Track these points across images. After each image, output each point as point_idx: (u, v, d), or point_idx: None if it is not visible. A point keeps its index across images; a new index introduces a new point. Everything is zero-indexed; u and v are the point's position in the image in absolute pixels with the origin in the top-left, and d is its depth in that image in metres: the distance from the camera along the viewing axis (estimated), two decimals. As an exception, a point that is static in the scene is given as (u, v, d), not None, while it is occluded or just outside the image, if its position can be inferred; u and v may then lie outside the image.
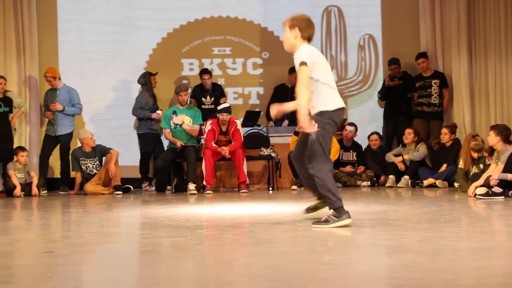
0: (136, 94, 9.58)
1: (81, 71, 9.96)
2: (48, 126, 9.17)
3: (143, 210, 6.05)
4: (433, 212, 5.10)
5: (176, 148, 8.70)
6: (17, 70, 9.51)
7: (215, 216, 5.19)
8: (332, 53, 10.27)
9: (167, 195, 8.15)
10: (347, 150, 9.25)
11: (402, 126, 9.37)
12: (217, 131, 8.50)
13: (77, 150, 8.85)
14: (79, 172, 8.78)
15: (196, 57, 10.22)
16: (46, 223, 5.15)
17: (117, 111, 10.00)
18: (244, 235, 4.08)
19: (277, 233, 4.11)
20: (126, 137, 10.00)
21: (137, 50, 10.11)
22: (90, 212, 6.18)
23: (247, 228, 4.39)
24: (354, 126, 9.27)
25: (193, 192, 8.11)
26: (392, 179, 8.71)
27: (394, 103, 9.63)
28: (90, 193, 8.47)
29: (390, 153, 9.05)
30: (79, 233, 4.26)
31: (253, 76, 10.29)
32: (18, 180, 8.46)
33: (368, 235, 4.02)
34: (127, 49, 10.08)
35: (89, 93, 9.84)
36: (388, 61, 9.74)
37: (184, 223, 4.66)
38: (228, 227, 4.39)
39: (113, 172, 8.55)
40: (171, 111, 8.88)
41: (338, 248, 3.51)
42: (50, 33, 9.92)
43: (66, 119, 9.11)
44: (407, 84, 9.58)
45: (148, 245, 3.71)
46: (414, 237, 3.76)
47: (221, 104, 8.69)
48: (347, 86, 10.28)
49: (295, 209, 5.54)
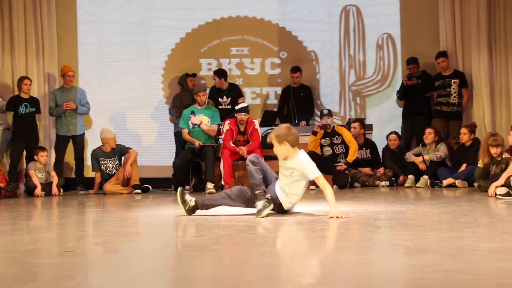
0: (156, 94, 9.71)
1: (100, 72, 10.04)
2: (60, 127, 9.24)
3: (161, 210, 6.08)
4: (452, 212, 5.07)
5: (195, 148, 8.73)
6: (36, 70, 9.59)
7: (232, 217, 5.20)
8: (350, 52, 10.24)
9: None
10: (359, 148, 9.18)
11: (421, 126, 9.31)
12: (235, 131, 8.51)
13: (97, 150, 8.90)
14: (99, 172, 8.84)
15: (214, 57, 10.25)
16: (66, 223, 5.19)
17: (136, 112, 10.07)
18: (261, 234, 4.08)
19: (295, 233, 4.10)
20: (145, 137, 10.07)
21: (156, 51, 10.17)
22: (109, 211, 6.22)
23: (265, 228, 4.39)
24: (359, 122, 9.22)
25: (211, 192, 8.12)
26: (411, 179, 8.66)
27: (412, 103, 9.57)
28: (109, 193, 8.52)
29: (410, 153, 8.99)
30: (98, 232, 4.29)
31: (271, 76, 10.29)
32: (39, 180, 8.54)
33: (387, 235, 4.00)
34: (146, 50, 10.15)
35: (109, 94, 9.92)
36: (407, 60, 9.69)
37: (202, 222, 4.67)
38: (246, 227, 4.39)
39: (128, 172, 8.60)
40: (189, 111, 8.91)
41: (357, 248, 3.50)
42: (69, 34, 10.01)
43: (80, 119, 9.22)
44: (426, 84, 9.52)
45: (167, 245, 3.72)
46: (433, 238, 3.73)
47: (239, 104, 8.70)
48: (366, 86, 10.24)
49: (313, 209, 5.53)
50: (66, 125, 9.18)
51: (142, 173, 9.03)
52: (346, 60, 10.26)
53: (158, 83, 10.17)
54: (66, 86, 9.26)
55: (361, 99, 10.26)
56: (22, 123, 8.90)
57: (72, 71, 9.28)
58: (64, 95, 9.19)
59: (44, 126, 9.61)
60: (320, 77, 10.29)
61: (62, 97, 9.19)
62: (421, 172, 8.70)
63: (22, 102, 8.94)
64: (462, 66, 9.68)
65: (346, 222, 4.55)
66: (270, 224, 4.60)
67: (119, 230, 4.47)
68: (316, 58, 10.28)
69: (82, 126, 9.30)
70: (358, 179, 8.97)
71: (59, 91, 9.27)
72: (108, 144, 8.82)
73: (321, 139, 8.92)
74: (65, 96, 9.17)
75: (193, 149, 8.76)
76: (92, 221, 5.25)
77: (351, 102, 10.26)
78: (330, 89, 10.28)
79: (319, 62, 10.29)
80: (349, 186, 8.86)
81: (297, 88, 9.79)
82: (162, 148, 9.97)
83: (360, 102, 10.25)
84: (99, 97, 9.49)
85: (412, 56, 9.66)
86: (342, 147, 8.94)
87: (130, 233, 4.44)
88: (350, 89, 10.26)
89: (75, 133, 9.20)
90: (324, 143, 8.94)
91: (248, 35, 10.27)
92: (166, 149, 9.85)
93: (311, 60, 10.27)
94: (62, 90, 9.25)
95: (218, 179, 8.71)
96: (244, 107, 8.49)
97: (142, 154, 9.23)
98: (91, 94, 9.48)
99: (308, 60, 10.26)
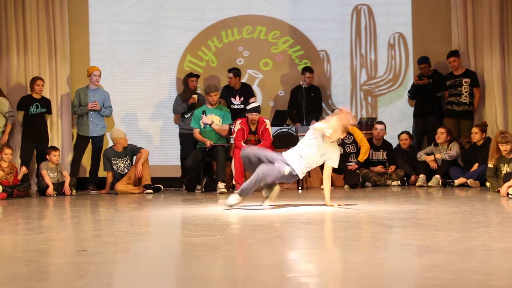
0: (168, 94, 9.75)
1: (112, 72, 10.06)
2: (81, 127, 9.28)
3: (173, 210, 6.09)
4: (464, 212, 5.05)
5: (206, 148, 8.74)
6: (48, 71, 9.64)
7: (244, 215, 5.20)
8: (361, 51, 10.22)
9: (197, 195, 8.18)
10: (377, 149, 9.19)
11: (432, 125, 9.29)
12: (246, 131, 8.51)
13: (109, 150, 8.94)
14: (110, 171, 8.87)
15: (226, 57, 10.25)
16: (78, 222, 5.22)
17: (148, 112, 10.10)
18: (273, 234, 4.08)
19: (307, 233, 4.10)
20: (157, 137, 10.10)
21: (168, 50, 10.19)
22: (121, 211, 6.24)
23: (276, 228, 4.39)
24: (384, 125, 9.20)
25: (222, 191, 8.13)
26: (423, 179, 8.63)
27: (424, 102, 9.54)
28: (121, 193, 8.55)
29: (422, 152, 8.97)
30: (110, 231, 4.31)
31: (282, 75, 10.29)
32: (51, 179, 8.59)
33: (399, 235, 3.99)
34: (158, 50, 10.17)
35: (121, 94, 9.95)
36: (418, 60, 9.66)
37: (214, 222, 4.68)
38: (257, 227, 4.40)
39: (140, 172, 8.62)
40: (200, 111, 8.92)
41: (368, 248, 3.49)
42: (81, 34, 10.05)
43: (101, 120, 9.26)
44: (437, 83, 9.48)
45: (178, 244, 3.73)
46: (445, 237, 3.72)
47: (250, 103, 8.71)
48: (377, 85, 10.22)
49: (325, 209, 5.53)
50: (87, 126, 9.22)
51: (154, 173, 9.05)
52: (357, 60, 10.24)
53: (169, 83, 10.19)
54: (92, 87, 9.30)
55: (372, 98, 10.23)
56: (32, 123, 8.94)
57: (99, 70, 9.31)
58: (89, 95, 9.23)
59: (56, 124, 9.61)
60: (332, 77, 10.27)
61: (86, 96, 9.24)
62: (433, 171, 8.67)
63: (33, 102, 8.98)
64: (474, 66, 9.63)
65: (357, 222, 4.55)
66: (282, 223, 4.59)
67: (130, 229, 4.48)
68: (327, 58, 10.26)
69: (103, 128, 9.34)
70: (370, 179, 8.95)
71: (84, 90, 9.31)
72: (119, 143, 8.85)
73: (332, 139, 8.90)
74: (90, 96, 9.22)
75: (204, 149, 8.77)
76: (104, 221, 5.27)
77: (363, 101, 10.24)
78: (341, 89, 10.26)
79: (330, 61, 10.27)
80: (360, 186, 8.84)
81: (308, 88, 9.78)
82: (174, 148, 9.98)
83: (372, 102, 10.23)
84: (111, 97, 9.51)
85: (423, 56, 9.63)
86: (353, 147, 8.94)
87: (141, 232, 4.46)
88: (362, 88, 10.23)
89: (96, 133, 9.25)
90: (335, 142, 8.91)
91: (260, 35, 10.27)
92: (177, 149, 9.87)
93: (322, 59, 10.26)
94: (87, 90, 9.30)
95: (230, 178, 8.72)
96: (255, 107, 8.50)
97: (153, 154, 9.25)
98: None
99: (319, 59, 10.24)
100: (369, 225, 4.44)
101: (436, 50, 9.80)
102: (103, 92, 9.37)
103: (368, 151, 8.95)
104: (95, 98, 9.21)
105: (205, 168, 8.87)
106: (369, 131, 9.32)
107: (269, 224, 4.56)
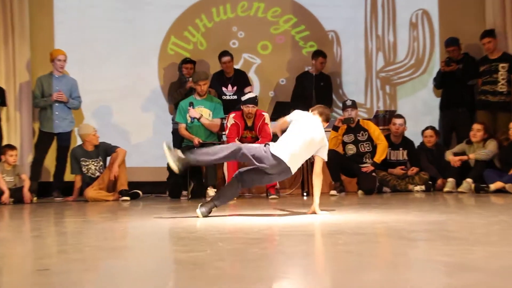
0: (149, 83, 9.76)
1: (81, 56, 10.04)
2: (44, 122, 9.23)
3: (154, 220, 6.08)
4: (502, 223, 5.04)
5: (193, 146, 8.72)
6: (4, 55, 9.58)
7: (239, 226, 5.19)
8: (378, 32, 10.22)
9: (183, 202, 8.17)
10: (395, 148, 9.19)
11: (462, 119, 9.30)
12: (241, 126, 8.49)
13: (77, 149, 8.90)
14: (79, 175, 8.84)
15: (217, 39, 10.23)
16: (40, 235, 5.19)
17: (124, 104, 10.08)
18: (273, 249, 4.07)
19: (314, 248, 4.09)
20: (135, 134, 10.07)
21: (148, 30, 10.17)
22: (92, 222, 6.22)
23: (278, 241, 4.38)
24: (404, 119, 9.19)
25: (213, 199, 8.12)
26: (452, 183, 8.63)
27: (452, 92, 9.54)
28: (92, 200, 8.53)
29: (450, 151, 8.96)
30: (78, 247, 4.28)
31: (284, 60, 10.27)
32: (7, 184, 8.55)
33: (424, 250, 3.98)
34: (137, 30, 10.16)
35: (91, 82, 9.94)
36: (445, 41, 9.67)
37: (203, 235, 4.66)
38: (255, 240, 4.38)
39: (115, 173, 8.57)
40: (187, 103, 8.89)
41: (388, 265, 3.47)
42: (44, 9, 10.01)
43: (68, 114, 9.19)
44: (469, 69, 9.49)
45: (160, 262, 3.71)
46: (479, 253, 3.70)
47: (246, 94, 8.69)
48: (396, 72, 10.23)
49: (335, 219, 5.52)
50: (52, 120, 9.15)
51: (132, 177, 9.04)
52: (373, 42, 10.24)
53: (150, 70, 10.16)
54: (57, 74, 9.24)
55: (391, 87, 10.23)
56: None
57: (64, 54, 9.24)
58: (53, 83, 9.17)
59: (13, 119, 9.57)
60: (342, 62, 10.25)
61: (50, 85, 9.18)
62: (464, 174, 8.65)
63: None
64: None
65: (373, 234, 4.53)
66: (284, 235, 4.58)
67: (103, 244, 4.46)
68: (337, 40, 10.25)
69: (70, 123, 9.28)
70: (388, 183, 8.95)
71: (47, 78, 9.25)
72: (89, 141, 8.81)
73: (343, 136, 8.91)
74: (55, 85, 9.16)
75: (192, 147, 8.75)
76: (71, 234, 5.25)
77: (379, 91, 10.24)
78: (354, 76, 10.26)
79: (341, 44, 10.26)
80: (377, 191, 8.85)
81: (317, 76, 9.77)
82: (156, 147, 9.95)
83: (390, 91, 10.23)
84: (80, 86, 9.48)
85: (452, 37, 9.63)
86: (368, 145, 8.93)
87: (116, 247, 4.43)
88: (378, 76, 10.23)
89: (62, 130, 9.19)
90: (347, 140, 8.92)
91: (257, 13, 10.26)
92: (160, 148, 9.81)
93: (331, 41, 10.24)
94: (51, 78, 9.24)
95: (222, 183, 8.70)
96: (251, 97, 8.48)
97: (130, 154, 9.23)
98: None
99: (327, 41, 10.23)
100: (388, 238, 4.43)
101: (467, 29, 9.81)
102: (70, 80, 9.32)
103: (386, 150, 8.95)
104: (60, 87, 9.16)
105: (192, 171, 8.85)
106: (387, 126, 9.33)
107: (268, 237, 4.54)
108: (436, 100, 9.93)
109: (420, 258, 3.73)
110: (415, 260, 3.67)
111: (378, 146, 8.88)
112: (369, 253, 3.77)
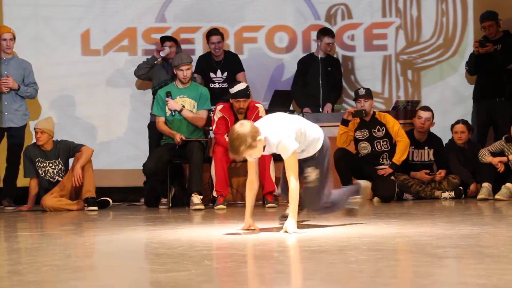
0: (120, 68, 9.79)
1: (36, 34, 10.02)
2: None
3: (127, 233, 6.08)
4: (547, 236, 5.05)
5: (175, 145, 8.72)
6: None
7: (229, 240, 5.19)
8: (399, 5, 10.22)
9: (162, 212, 8.18)
10: (420, 146, 9.18)
11: (501, 112, 9.32)
12: (230, 121, 8.48)
13: (32, 147, 8.88)
14: (35, 178, 8.83)
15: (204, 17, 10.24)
16: (-12, 252, 5.19)
17: (90, 93, 10.04)
18: (271, 268, 4.07)
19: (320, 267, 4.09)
20: (104, 130, 10.05)
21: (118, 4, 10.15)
22: (51, 236, 6.21)
23: (276, 259, 4.38)
24: (431, 111, 9.18)
25: (198, 207, 8.12)
26: (487, 188, 8.64)
27: (489, 78, 9.55)
28: (51, 209, 8.51)
29: (486, 150, 8.95)
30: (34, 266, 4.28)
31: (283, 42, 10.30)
32: None
33: (453, 269, 3.99)
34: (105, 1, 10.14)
35: (50, 66, 9.92)
36: (481, 16, 9.66)
37: (186, 251, 4.66)
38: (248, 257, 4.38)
39: (78, 177, 8.52)
40: (164, 92, 8.85)
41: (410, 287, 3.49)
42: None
43: (21, 105, 9.14)
44: (509, 51, 9.49)
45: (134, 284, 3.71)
46: (520, 273, 3.72)
47: (235, 84, 8.62)
48: (421, 54, 10.24)
49: (346, 232, 5.52)
50: (0, 112, 9.10)
51: (100, 181, 9.02)
52: (392, 17, 10.24)
53: (122, 52, 10.15)
54: (4, 56, 9.19)
55: (414, 73, 10.24)
56: None
57: (11, 32, 9.19)
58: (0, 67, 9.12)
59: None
60: (355, 42, 10.26)
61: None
62: (502, 178, 8.67)
63: None
64: None
65: (393, 250, 4.54)
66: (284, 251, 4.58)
67: (64, 263, 4.46)
68: (348, 14, 10.26)
69: (24, 115, 9.22)
70: (410, 189, 8.95)
71: None
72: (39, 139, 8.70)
73: (355, 131, 8.90)
74: (2, 69, 9.12)
75: (173, 145, 8.75)
76: (26, 250, 5.24)
77: (400, 77, 10.25)
78: (368, 59, 10.27)
79: (353, 20, 10.27)
80: (397, 199, 8.85)
81: (324, 59, 9.77)
82: (130, 145, 9.98)
83: (413, 78, 10.23)
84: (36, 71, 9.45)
85: (488, 10, 9.63)
86: (385, 143, 8.92)
87: (80, 267, 4.43)
88: (398, 58, 10.24)
89: (14, 124, 9.15)
90: (360, 136, 8.91)
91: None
92: (135, 147, 9.86)
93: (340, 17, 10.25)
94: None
95: (208, 188, 8.70)
96: (241, 90, 8.45)
97: (98, 154, 9.21)
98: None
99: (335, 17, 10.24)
100: (410, 255, 4.44)
101: (506, 2, 9.81)
102: (22, 63, 9.26)
103: (408, 149, 8.94)
104: (8, 71, 9.11)
105: (173, 174, 8.85)
106: (409, 120, 9.32)
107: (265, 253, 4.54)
108: (469, 88, 9.92)
109: (449, 280, 3.74)
110: (443, 281, 3.68)
111: (397, 144, 8.86)
112: (387, 274, 3.78)
